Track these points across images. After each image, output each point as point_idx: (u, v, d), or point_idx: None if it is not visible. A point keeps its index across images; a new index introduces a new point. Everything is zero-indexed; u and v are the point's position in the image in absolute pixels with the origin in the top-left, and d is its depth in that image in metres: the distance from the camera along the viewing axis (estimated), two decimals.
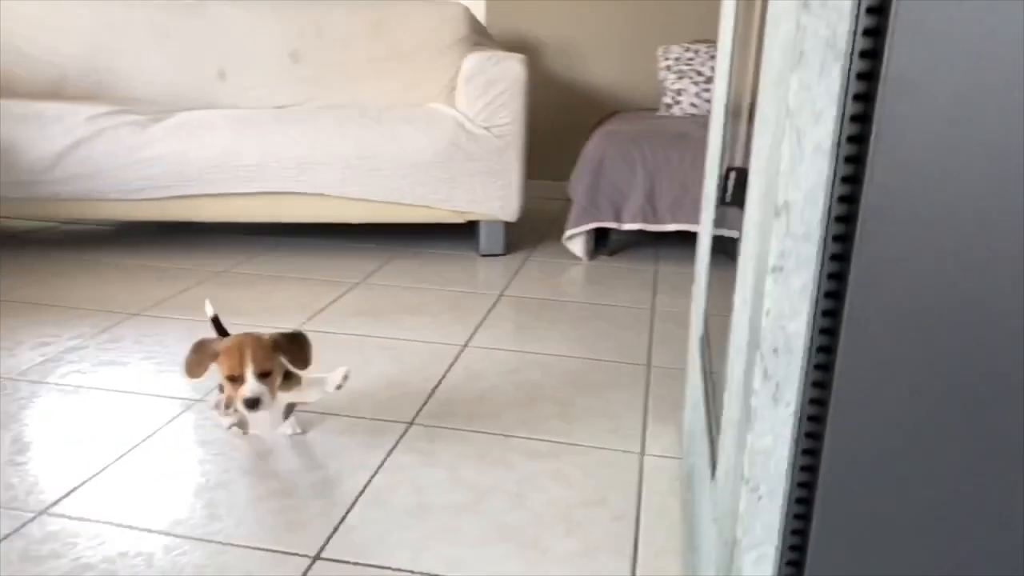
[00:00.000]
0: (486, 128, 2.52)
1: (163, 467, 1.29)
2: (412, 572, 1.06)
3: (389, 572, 1.06)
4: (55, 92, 2.89)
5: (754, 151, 0.62)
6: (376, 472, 1.30)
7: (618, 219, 2.56)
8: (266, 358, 1.16)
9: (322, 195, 2.52)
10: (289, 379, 1.27)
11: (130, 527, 1.13)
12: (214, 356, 1.18)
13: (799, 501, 0.54)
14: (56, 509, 1.17)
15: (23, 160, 2.44)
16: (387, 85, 2.99)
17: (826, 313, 0.51)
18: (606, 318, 2.08)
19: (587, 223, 2.58)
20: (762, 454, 0.53)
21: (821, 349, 0.51)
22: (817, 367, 0.52)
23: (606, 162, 2.55)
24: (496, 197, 2.56)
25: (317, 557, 1.08)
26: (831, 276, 0.50)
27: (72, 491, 1.22)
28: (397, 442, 1.40)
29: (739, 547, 0.56)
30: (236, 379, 1.16)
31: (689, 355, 1.29)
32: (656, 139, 2.57)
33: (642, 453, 1.40)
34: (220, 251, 2.63)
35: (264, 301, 2.13)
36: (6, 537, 1.10)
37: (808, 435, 0.53)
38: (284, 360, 1.23)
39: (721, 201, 0.88)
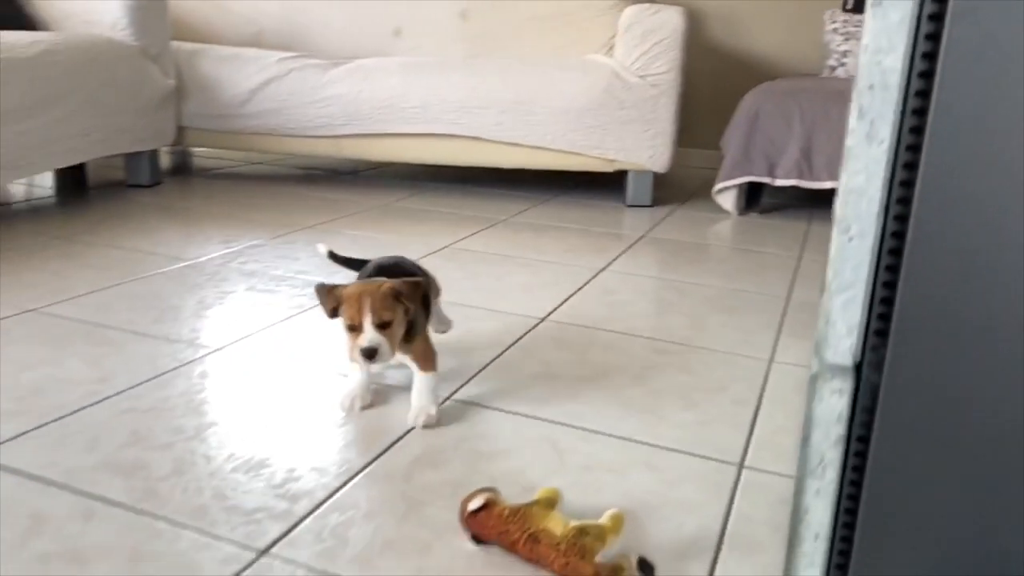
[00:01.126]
0: (641, 77, 2.56)
1: (310, 335, 1.45)
2: (534, 417, 1.14)
3: (513, 415, 1.14)
4: (253, 45, 3.21)
5: None
6: (507, 348, 1.39)
7: (771, 174, 2.52)
8: (386, 308, 1.06)
9: (478, 139, 2.65)
10: (412, 340, 1.14)
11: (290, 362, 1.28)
12: (337, 302, 1.09)
13: (894, 237, 0.56)
14: (229, 349, 1.35)
15: (222, 96, 2.74)
16: (549, 42, 3.09)
17: (925, 54, 0.53)
18: (750, 261, 2.07)
19: (738, 176, 2.55)
20: (855, 193, 0.56)
21: (919, 93, 0.53)
22: (914, 111, 0.54)
23: (762, 115, 2.52)
24: (647, 147, 2.59)
25: (449, 398, 1.18)
26: (931, 17, 0.52)
27: (243, 338, 1.39)
28: (527, 331, 1.48)
29: (828, 292, 0.59)
30: (355, 329, 1.07)
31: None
32: (815, 94, 2.51)
33: (771, 360, 1.40)
34: (384, 190, 2.83)
35: (416, 228, 2.28)
36: (197, 359, 1.28)
37: (903, 183, 0.56)
38: (409, 309, 1.11)
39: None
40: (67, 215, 2.23)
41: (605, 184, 3.04)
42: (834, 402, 0.60)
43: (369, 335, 1.05)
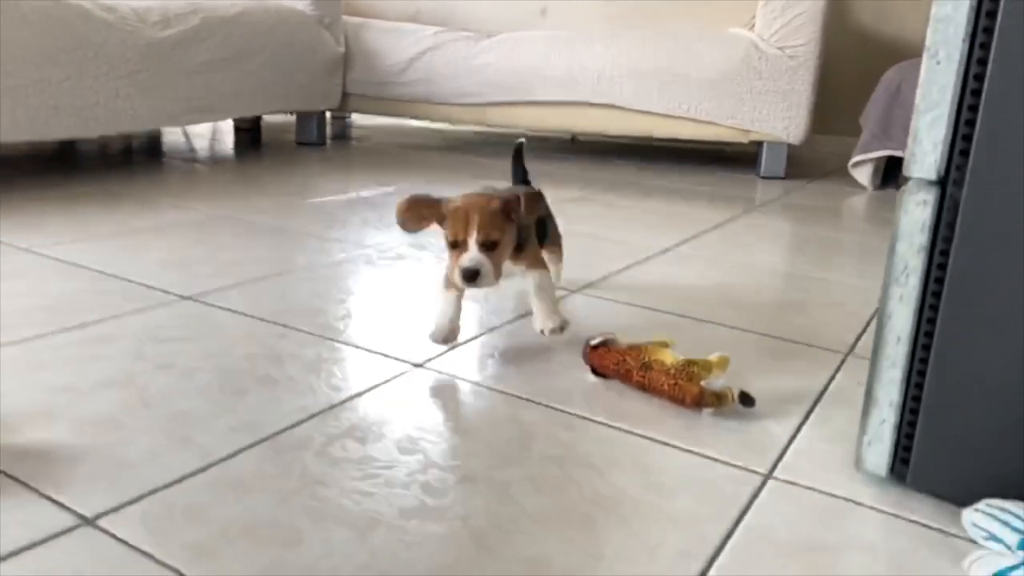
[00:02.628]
0: (780, 48, 2.60)
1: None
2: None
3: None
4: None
5: None
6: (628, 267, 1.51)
7: None
8: (494, 225, 0.95)
9: (615, 107, 2.77)
10: (522, 252, 1.04)
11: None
12: (438, 215, 0.99)
13: (979, 63, 0.65)
14: (388, 246, 1.54)
15: (382, 64, 3.00)
16: (691, 22, 3.17)
17: None
18: (883, 229, 2.08)
19: (876, 150, 2.54)
20: (942, 20, 0.65)
21: None
22: None
23: (904, 87, 2.50)
24: (782, 118, 2.63)
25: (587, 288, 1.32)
26: None
27: (394, 241, 1.58)
28: (648, 257, 1.59)
29: (916, 112, 0.68)
30: (458, 246, 0.96)
31: None
32: None
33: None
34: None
35: (551, 186, 2.44)
36: (361, 254, 1.48)
37: (988, 13, 0.64)
38: (518, 222, 0.99)
39: None
40: (245, 162, 2.53)
41: (738, 163, 3.09)
42: (918, 213, 0.69)
43: (472, 254, 0.94)
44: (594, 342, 0.97)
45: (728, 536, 0.66)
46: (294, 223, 1.71)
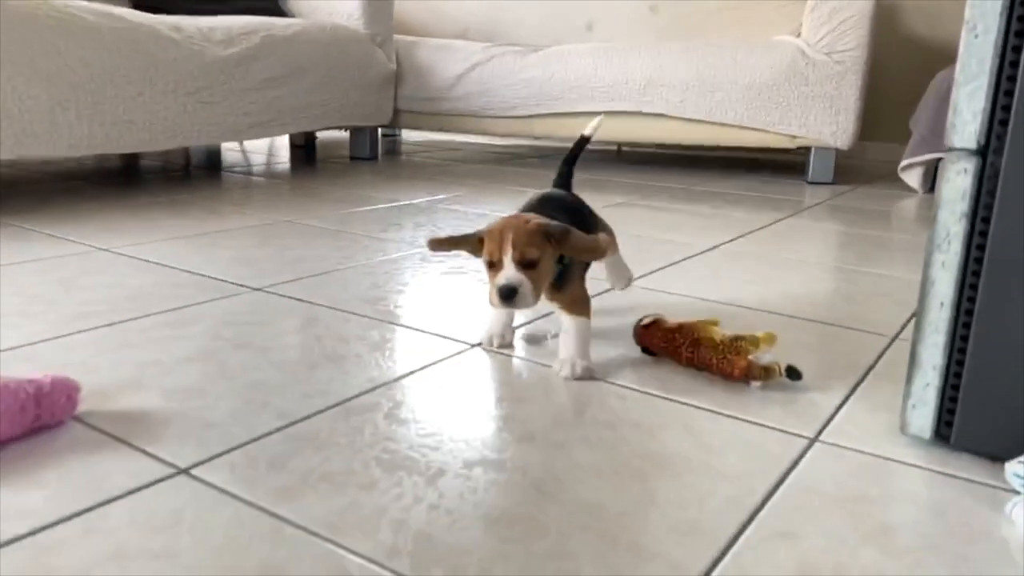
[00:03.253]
0: (827, 54, 2.61)
1: None
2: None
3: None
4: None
5: None
6: (686, 258, 1.54)
7: None
8: (531, 244, 0.91)
9: (662, 115, 2.81)
10: (562, 288, 0.98)
11: None
12: (471, 245, 0.97)
13: (1017, 36, 0.68)
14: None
15: (432, 80, 3.09)
16: (736, 33, 3.20)
17: None
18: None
19: (926, 153, 2.53)
20: None
21: None
22: None
23: None
24: (830, 123, 2.64)
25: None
26: None
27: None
28: (704, 251, 1.62)
29: (956, 85, 0.71)
30: (494, 265, 0.93)
31: None
32: None
33: None
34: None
35: (599, 192, 2.48)
36: (415, 252, 1.54)
37: None
38: (559, 252, 0.95)
39: None
40: (301, 176, 2.63)
41: (785, 169, 3.09)
42: (959, 181, 0.72)
43: (508, 272, 0.91)
44: (644, 321, 1.00)
45: (775, 489, 0.69)
46: (351, 227, 1.78)
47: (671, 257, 1.57)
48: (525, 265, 0.92)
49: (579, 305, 0.99)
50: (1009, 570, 0.59)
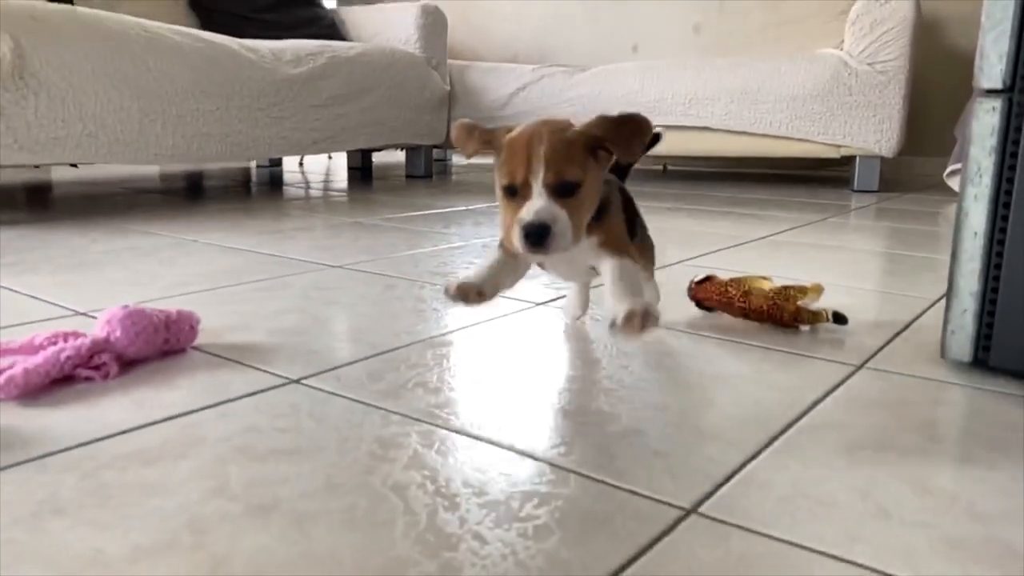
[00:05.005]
0: (869, 64, 2.68)
1: None
2: None
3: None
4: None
5: None
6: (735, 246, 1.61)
7: None
8: (571, 160, 0.68)
9: (707, 128, 2.89)
10: (601, 218, 0.75)
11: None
12: (495, 143, 0.74)
13: None
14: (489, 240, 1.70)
15: (485, 101, 3.23)
16: (777, 49, 3.28)
17: None
18: None
19: None
20: None
21: None
22: None
23: None
24: (874, 131, 2.69)
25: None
26: None
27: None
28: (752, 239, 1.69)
29: (982, 31, 0.79)
30: (516, 192, 0.70)
31: None
32: None
33: None
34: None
35: (645, 200, 2.56)
36: (473, 244, 1.64)
37: None
38: (610, 156, 0.73)
39: None
40: (360, 192, 2.77)
41: (831, 181, 3.14)
42: (988, 119, 0.80)
43: (537, 203, 0.66)
44: (698, 278, 1.08)
45: (824, 397, 0.76)
46: (415, 225, 1.89)
47: (720, 244, 1.64)
48: (561, 192, 0.67)
49: (617, 239, 0.75)
50: None
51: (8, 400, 0.72)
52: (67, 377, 0.76)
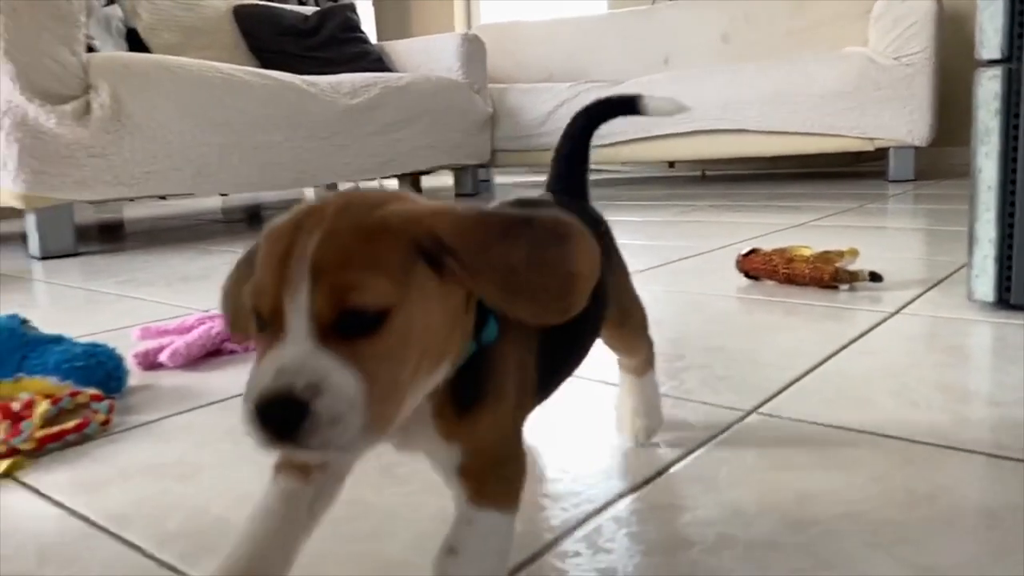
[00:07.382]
0: (895, 59, 2.77)
1: None
2: None
3: None
4: None
5: None
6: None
7: None
8: (367, 264, 0.35)
9: (743, 130, 3.00)
10: (482, 405, 0.41)
11: None
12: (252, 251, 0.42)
13: None
14: None
15: (524, 120, 3.39)
16: (804, 53, 3.39)
17: None
18: None
19: None
20: None
21: None
22: None
23: None
24: (905, 121, 2.77)
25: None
26: None
27: None
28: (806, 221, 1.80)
29: (978, 8, 0.90)
30: (265, 326, 0.36)
31: None
32: None
33: None
34: (650, 186, 3.27)
35: (684, 202, 2.68)
36: None
37: None
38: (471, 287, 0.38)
39: None
40: None
41: (865, 177, 3.23)
42: (991, 85, 0.91)
43: (290, 351, 0.34)
44: (744, 251, 1.20)
45: (862, 335, 0.88)
46: None
47: (763, 231, 1.76)
48: (346, 328, 0.35)
49: (512, 462, 0.42)
50: None
51: (175, 368, 0.87)
52: (217, 350, 0.91)
